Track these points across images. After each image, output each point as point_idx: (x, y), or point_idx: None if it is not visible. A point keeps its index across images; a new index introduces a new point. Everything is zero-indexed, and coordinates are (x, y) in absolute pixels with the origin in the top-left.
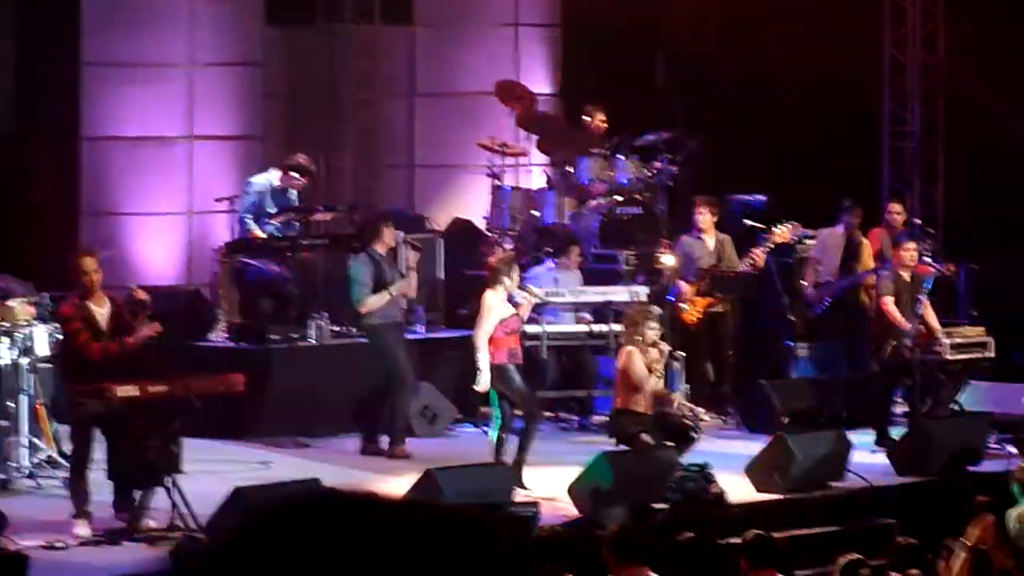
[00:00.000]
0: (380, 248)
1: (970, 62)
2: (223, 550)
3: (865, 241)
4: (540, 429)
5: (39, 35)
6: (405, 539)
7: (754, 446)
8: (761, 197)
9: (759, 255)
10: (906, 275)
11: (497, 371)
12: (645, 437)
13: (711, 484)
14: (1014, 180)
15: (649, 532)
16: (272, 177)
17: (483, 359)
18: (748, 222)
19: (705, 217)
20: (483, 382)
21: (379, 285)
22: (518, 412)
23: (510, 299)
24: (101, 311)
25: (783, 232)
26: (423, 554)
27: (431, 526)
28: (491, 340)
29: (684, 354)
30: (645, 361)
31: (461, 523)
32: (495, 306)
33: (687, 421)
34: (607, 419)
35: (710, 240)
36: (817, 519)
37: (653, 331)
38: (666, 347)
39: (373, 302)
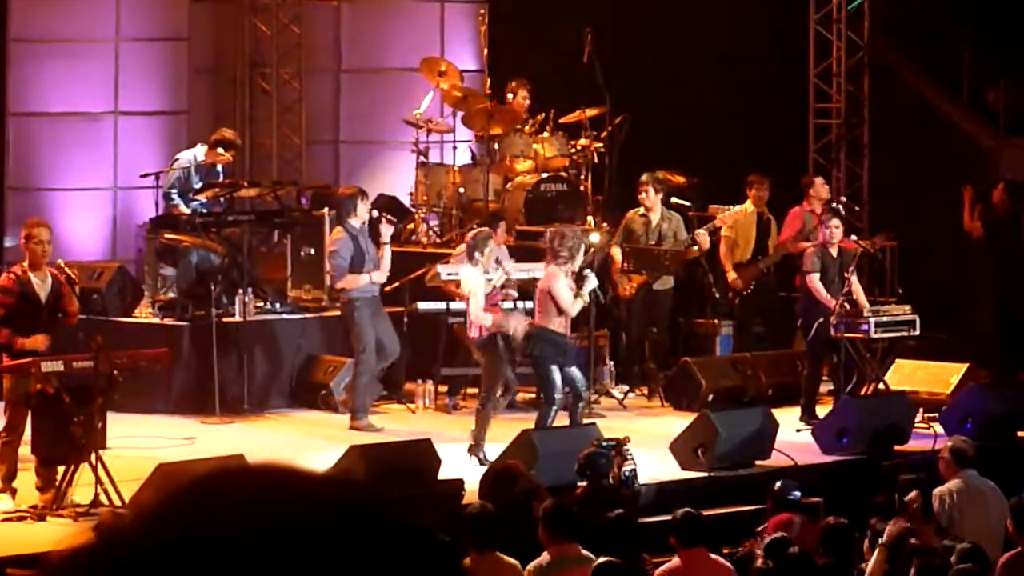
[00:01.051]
0: (355, 222)
1: (894, 41)
2: (141, 525)
3: (772, 218)
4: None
5: None
6: (322, 514)
7: (678, 424)
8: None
9: (703, 238)
10: (832, 252)
11: (484, 343)
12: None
13: (625, 462)
14: (940, 156)
15: (573, 510)
16: (198, 152)
17: (500, 319)
18: (674, 200)
19: (649, 195)
20: (515, 324)
21: (357, 260)
22: (478, 388)
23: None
24: (43, 285)
25: (730, 215)
26: (339, 530)
27: (351, 502)
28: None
29: (606, 330)
30: (570, 286)
31: (381, 500)
32: (477, 282)
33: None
34: (533, 394)
35: (654, 217)
36: (742, 498)
37: (581, 260)
38: (593, 280)
39: (350, 281)
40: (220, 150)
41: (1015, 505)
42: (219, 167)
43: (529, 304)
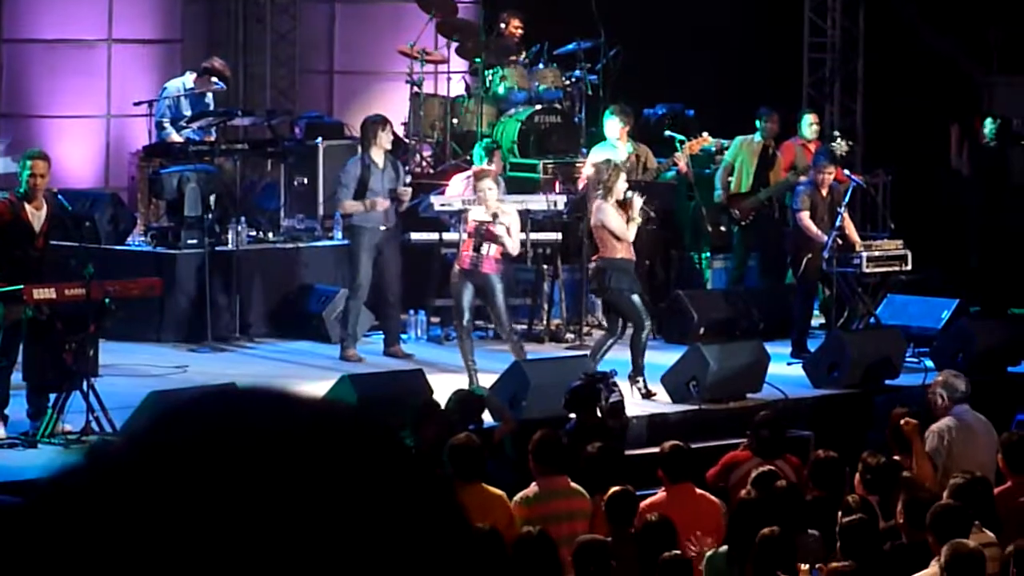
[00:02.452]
0: (376, 152)
1: None
2: (131, 450)
3: (778, 152)
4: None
5: None
6: (314, 436)
7: (670, 356)
8: (678, 105)
9: (681, 160)
10: (823, 191)
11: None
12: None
13: (612, 394)
14: (934, 91)
15: (563, 441)
16: (187, 80)
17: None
18: (669, 133)
19: (615, 125)
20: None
21: (360, 191)
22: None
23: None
24: (38, 214)
25: (696, 143)
26: (332, 453)
27: (344, 426)
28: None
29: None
30: (619, 212)
31: (374, 424)
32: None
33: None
34: (525, 327)
35: (622, 146)
36: (732, 430)
37: (623, 186)
38: (639, 199)
39: (348, 206)
40: (211, 78)
41: (1006, 441)
42: (209, 96)
43: (522, 235)
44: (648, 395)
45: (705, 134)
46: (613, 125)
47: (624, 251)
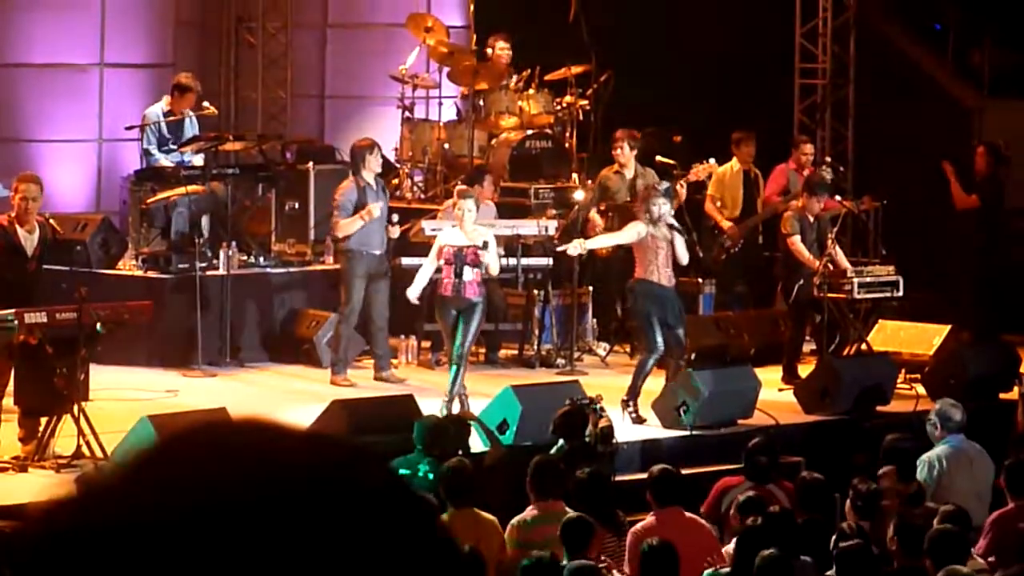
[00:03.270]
0: (367, 174)
1: (881, 2)
2: (122, 477)
3: (759, 174)
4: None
5: None
6: (301, 472)
7: (661, 382)
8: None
9: (680, 189)
10: (810, 217)
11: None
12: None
13: (600, 419)
14: (924, 117)
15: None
16: (163, 104)
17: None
18: (659, 158)
19: (623, 151)
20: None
21: (358, 212)
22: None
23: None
24: (30, 237)
25: (703, 169)
26: (317, 489)
27: (330, 461)
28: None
29: (592, 288)
30: (650, 232)
31: (360, 458)
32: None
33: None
34: (516, 352)
35: (628, 174)
36: (723, 456)
37: (659, 207)
38: (672, 222)
39: (345, 225)
40: (183, 95)
41: (1012, 464)
42: (190, 117)
43: (513, 260)
44: (638, 420)
45: (712, 161)
46: (620, 150)
47: (655, 275)
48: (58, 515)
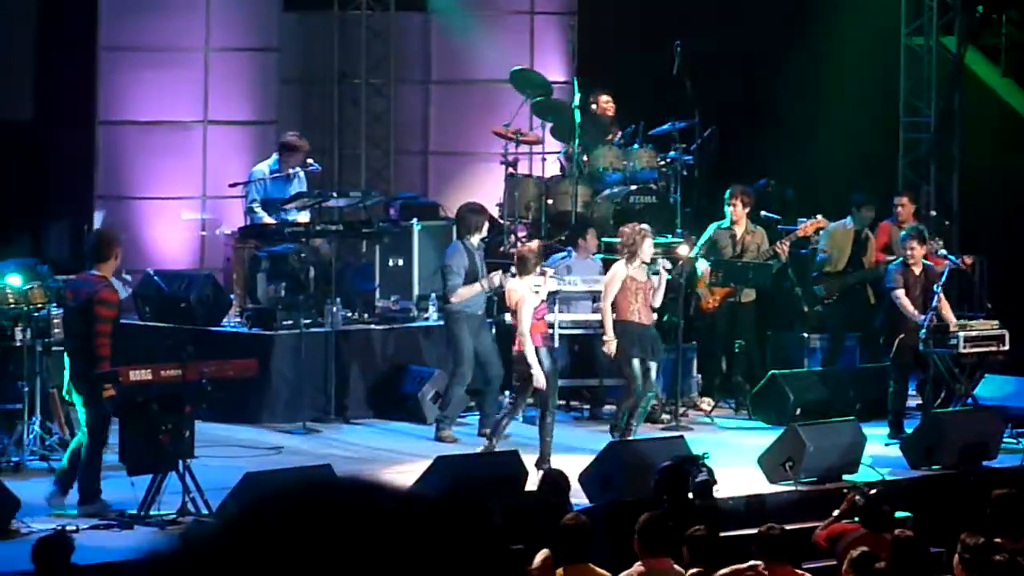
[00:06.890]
0: (474, 240)
1: (985, 56)
2: (225, 534)
3: (871, 236)
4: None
5: (57, 20)
6: (402, 529)
7: (768, 437)
8: (762, 181)
9: (784, 248)
10: (915, 269)
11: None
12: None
13: (700, 473)
14: None
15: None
16: (271, 162)
17: (528, 347)
18: (763, 213)
19: (736, 208)
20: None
21: (470, 276)
22: (530, 400)
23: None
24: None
25: (811, 225)
26: (418, 546)
27: (430, 518)
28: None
29: (696, 343)
30: (630, 274)
31: (458, 520)
32: (526, 294)
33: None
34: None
35: (738, 230)
36: (829, 511)
37: (649, 250)
38: (667, 265)
39: (464, 292)
40: (291, 155)
41: None
42: (298, 175)
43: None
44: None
45: (820, 217)
46: (733, 207)
47: (634, 314)
48: (161, 569)
